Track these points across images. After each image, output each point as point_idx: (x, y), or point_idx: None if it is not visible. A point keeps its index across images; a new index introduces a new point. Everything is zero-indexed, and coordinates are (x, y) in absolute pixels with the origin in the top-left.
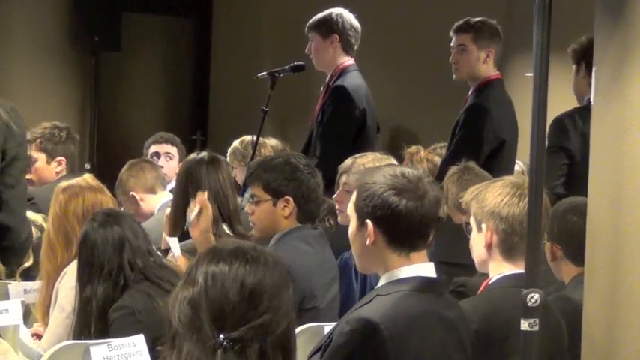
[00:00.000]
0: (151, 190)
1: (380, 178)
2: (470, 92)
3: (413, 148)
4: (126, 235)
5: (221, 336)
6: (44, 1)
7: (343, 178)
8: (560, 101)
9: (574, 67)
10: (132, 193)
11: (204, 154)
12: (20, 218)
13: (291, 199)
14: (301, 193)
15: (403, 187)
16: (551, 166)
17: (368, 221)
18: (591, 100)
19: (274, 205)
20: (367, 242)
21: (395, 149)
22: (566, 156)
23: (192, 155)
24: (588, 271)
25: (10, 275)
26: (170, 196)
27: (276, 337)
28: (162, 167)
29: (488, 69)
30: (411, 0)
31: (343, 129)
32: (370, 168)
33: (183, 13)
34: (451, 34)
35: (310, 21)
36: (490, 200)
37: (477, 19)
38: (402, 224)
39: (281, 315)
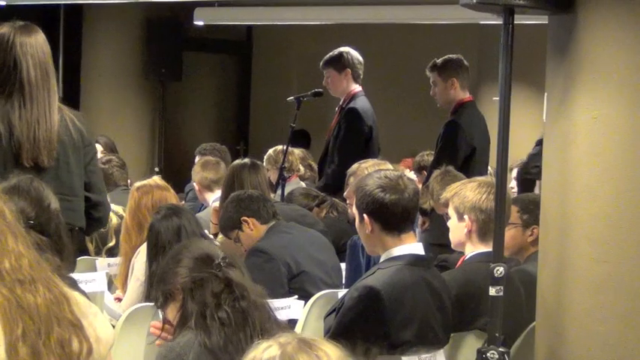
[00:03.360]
0: (208, 188)
1: (370, 181)
2: (449, 113)
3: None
4: (183, 224)
5: None
6: (124, 43)
7: (351, 179)
8: (519, 119)
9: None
10: (195, 184)
11: (246, 159)
12: (104, 196)
13: (247, 219)
14: (251, 209)
15: (387, 185)
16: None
17: (365, 215)
18: (544, 118)
19: (242, 230)
20: (367, 231)
21: (392, 156)
22: None
23: (238, 160)
24: (541, 250)
25: (97, 253)
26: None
27: None
28: None
29: (457, 94)
30: (405, 40)
31: (355, 142)
32: (365, 175)
33: (229, 51)
34: (427, 72)
35: (325, 59)
36: (471, 197)
37: (441, 58)
38: (389, 213)
39: None
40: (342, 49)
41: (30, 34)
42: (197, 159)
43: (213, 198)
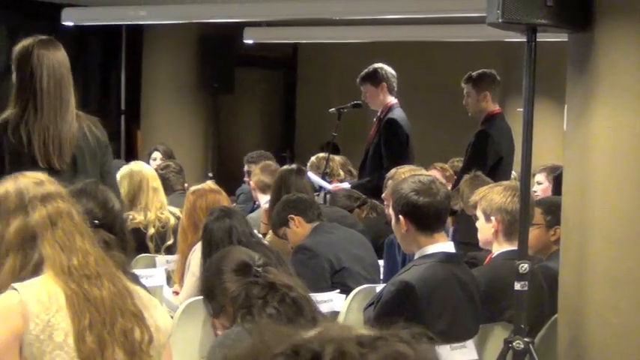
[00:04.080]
0: (262, 190)
1: (405, 185)
2: (480, 123)
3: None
4: (234, 225)
5: None
6: (180, 60)
7: (389, 183)
8: (542, 128)
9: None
10: (252, 183)
11: (293, 165)
12: (118, 194)
13: (294, 218)
14: (298, 208)
15: (420, 189)
16: None
17: (400, 216)
18: (564, 127)
19: (289, 227)
20: (402, 231)
21: (425, 162)
22: None
23: (285, 166)
24: (563, 248)
25: (157, 251)
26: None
27: None
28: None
29: (488, 106)
30: (436, 56)
31: (397, 149)
32: (401, 179)
33: (276, 67)
34: (462, 84)
35: (362, 75)
36: (497, 200)
37: (476, 72)
38: (422, 214)
39: None
40: (377, 65)
41: (48, 47)
42: (245, 167)
43: (265, 200)
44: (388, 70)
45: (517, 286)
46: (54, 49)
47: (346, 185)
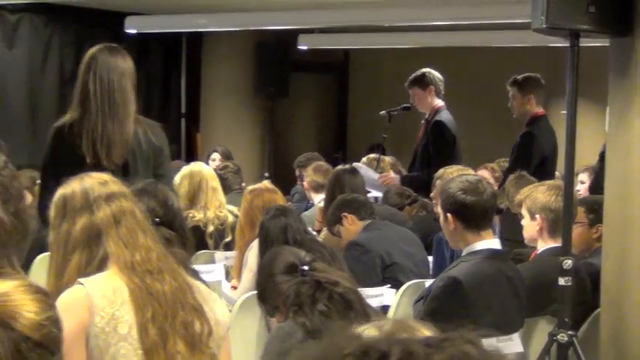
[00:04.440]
0: (315, 189)
1: (453, 184)
2: (524, 125)
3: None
4: (289, 222)
5: None
6: (237, 66)
7: (437, 182)
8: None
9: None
10: (306, 184)
11: (347, 165)
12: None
13: (347, 216)
14: (351, 206)
15: (467, 188)
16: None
17: (448, 214)
18: (606, 129)
19: (343, 225)
20: (450, 228)
21: (472, 163)
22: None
23: (339, 166)
24: (605, 245)
25: (216, 247)
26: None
27: None
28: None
29: (532, 108)
30: (482, 61)
31: (444, 151)
32: (449, 179)
33: (329, 72)
34: (507, 87)
35: (410, 79)
36: (541, 198)
37: (521, 75)
38: (469, 213)
39: None
40: (424, 69)
41: (110, 53)
42: (297, 172)
43: (319, 199)
44: (435, 74)
45: (561, 281)
46: (116, 55)
47: (395, 177)
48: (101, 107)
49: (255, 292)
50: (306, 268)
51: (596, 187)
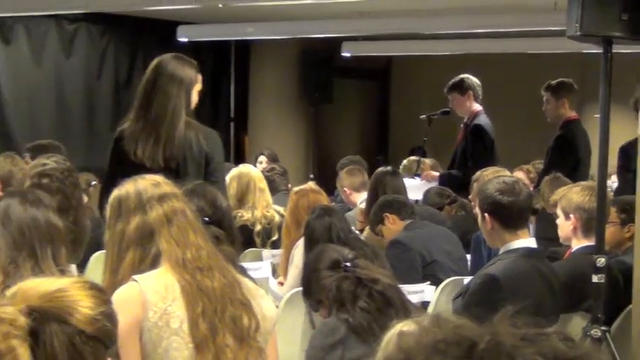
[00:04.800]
0: (356, 189)
1: (490, 185)
2: (558, 128)
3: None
4: (333, 222)
5: None
6: (284, 72)
7: (474, 185)
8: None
9: None
10: (344, 187)
11: (388, 167)
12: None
13: (388, 216)
14: (393, 207)
15: (504, 189)
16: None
17: (486, 214)
18: (638, 132)
19: (385, 225)
20: (488, 228)
21: (509, 165)
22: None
23: (381, 168)
24: (637, 243)
25: (263, 246)
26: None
27: None
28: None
29: (565, 112)
30: (518, 66)
31: (482, 153)
32: (486, 180)
33: (372, 78)
34: (542, 92)
35: (449, 84)
36: (576, 199)
37: (555, 80)
38: (506, 213)
39: None
40: (463, 75)
41: (169, 61)
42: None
43: (361, 199)
44: (473, 79)
45: (594, 278)
46: (174, 63)
47: (435, 174)
48: (140, 107)
49: (301, 288)
50: (348, 264)
51: (625, 186)
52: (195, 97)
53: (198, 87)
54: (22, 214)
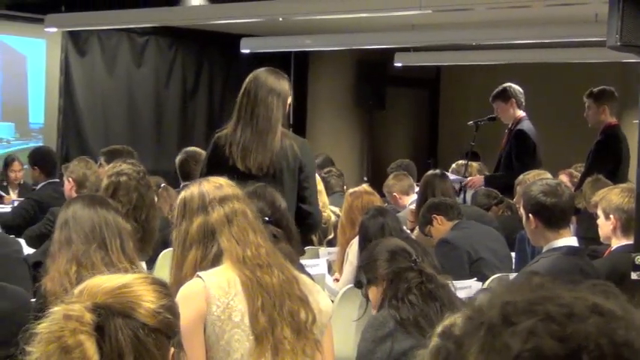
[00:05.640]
0: (406, 193)
1: (534, 187)
2: (599, 133)
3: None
4: (386, 222)
5: None
6: (340, 81)
7: (517, 188)
8: None
9: None
10: (394, 193)
11: (437, 170)
12: (315, 207)
13: (437, 217)
14: (440, 209)
15: (547, 190)
16: None
17: (530, 214)
18: None
19: (433, 225)
20: (532, 227)
21: (551, 168)
22: None
23: (430, 171)
24: None
25: (320, 244)
26: (415, 197)
27: None
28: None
29: (606, 118)
30: (561, 74)
31: (526, 157)
32: (530, 182)
33: (422, 86)
34: (584, 98)
35: (493, 94)
36: (615, 200)
37: (597, 88)
38: (549, 213)
39: None
40: (506, 84)
41: (265, 75)
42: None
43: (411, 200)
44: (516, 87)
45: (634, 275)
46: (270, 76)
47: (479, 180)
48: (244, 117)
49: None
50: (417, 259)
51: None
52: (286, 109)
53: (290, 99)
54: (93, 212)
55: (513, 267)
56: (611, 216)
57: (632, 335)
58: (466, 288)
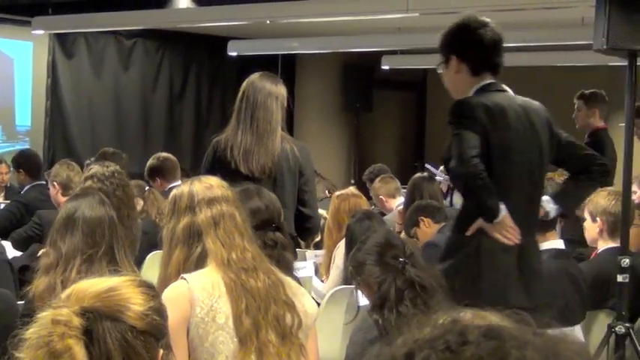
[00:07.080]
0: (392, 195)
1: None
2: (586, 136)
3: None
4: (373, 225)
5: None
6: (327, 83)
7: None
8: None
9: None
10: (380, 196)
11: (425, 173)
12: (315, 211)
13: (423, 219)
14: (427, 211)
15: None
16: None
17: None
18: None
19: (419, 227)
20: None
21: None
22: None
23: (418, 174)
24: None
25: (307, 246)
26: (402, 200)
27: None
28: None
29: (595, 121)
30: (549, 77)
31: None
32: None
33: (409, 89)
34: (574, 100)
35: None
36: (602, 203)
37: (589, 90)
38: None
39: None
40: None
41: (261, 79)
42: (367, 184)
43: (397, 203)
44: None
45: (619, 278)
46: (267, 80)
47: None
48: (244, 121)
49: (342, 287)
50: (406, 260)
51: None
52: (284, 112)
53: (285, 103)
54: (95, 212)
55: None
56: (598, 219)
57: (527, 353)
58: None
